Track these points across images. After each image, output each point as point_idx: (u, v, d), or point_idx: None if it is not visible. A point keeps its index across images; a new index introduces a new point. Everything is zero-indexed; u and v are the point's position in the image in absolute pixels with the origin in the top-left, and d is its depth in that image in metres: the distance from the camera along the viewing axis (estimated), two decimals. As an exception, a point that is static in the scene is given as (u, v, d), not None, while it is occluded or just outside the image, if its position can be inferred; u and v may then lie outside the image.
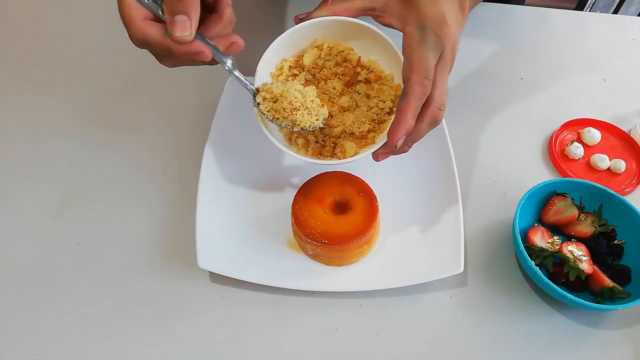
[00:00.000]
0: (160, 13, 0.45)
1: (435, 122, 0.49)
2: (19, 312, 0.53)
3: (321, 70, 0.56)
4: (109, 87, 0.72)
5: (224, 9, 0.47)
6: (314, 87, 0.53)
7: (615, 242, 0.57)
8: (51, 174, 0.63)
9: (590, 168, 0.66)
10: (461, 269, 0.53)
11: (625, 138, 0.69)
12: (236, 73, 0.50)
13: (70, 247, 0.57)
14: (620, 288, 0.53)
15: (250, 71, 0.53)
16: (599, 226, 0.57)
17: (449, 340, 0.52)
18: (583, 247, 0.55)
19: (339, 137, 0.54)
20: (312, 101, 0.51)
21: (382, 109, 0.54)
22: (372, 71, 0.56)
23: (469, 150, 0.67)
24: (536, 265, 0.53)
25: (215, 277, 0.55)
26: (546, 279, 0.51)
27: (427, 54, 0.47)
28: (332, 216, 0.54)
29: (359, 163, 0.56)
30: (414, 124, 0.47)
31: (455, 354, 0.51)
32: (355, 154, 0.52)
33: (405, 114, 0.46)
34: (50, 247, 0.57)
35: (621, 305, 0.51)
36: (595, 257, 0.55)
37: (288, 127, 0.51)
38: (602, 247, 0.56)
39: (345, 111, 0.55)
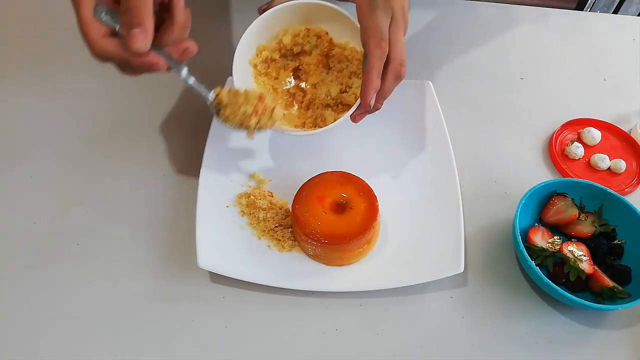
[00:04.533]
0: (118, 28, 0.44)
1: (399, 78, 0.54)
2: (19, 312, 0.53)
3: (302, 48, 0.63)
4: (108, 87, 0.72)
5: (177, 13, 0.47)
6: (268, 91, 0.61)
7: (616, 242, 0.57)
8: (51, 174, 0.63)
9: (591, 168, 0.66)
10: (461, 269, 0.53)
11: (625, 138, 0.69)
12: (191, 81, 0.51)
13: (70, 247, 0.57)
14: (620, 288, 0.53)
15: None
16: (599, 226, 0.57)
17: (449, 340, 0.52)
18: (583, 247, 0.55)
19: (317, 108, 0.61)
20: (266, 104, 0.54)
21: (349, 70, 0.61)
22: (343, 48, 0.62)
23: (469, 150, 0.67)
24: (536, 265, 0.53)
25: (215, 277, 0.55)
26: (546, 279, 0.51)
27: (378, 18, 0.52)
28: (332, 216, 0.54)
29: (359, 164, 0.61)
30: (380, 83, 0.53)
31: (455, 354, 0.51)
32: (335, 120, 0.57)
33: (370, 74, 0.52)
34: (50, 247, 0.57)
35: (621, 305, 0.51)
36: (595, 257, 0.55)
37: (244, 128, 0.53)
38: (603, 247, 0.56)
39: (317, 85, 0.63)
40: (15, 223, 0.59)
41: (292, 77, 0.64)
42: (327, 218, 0.54)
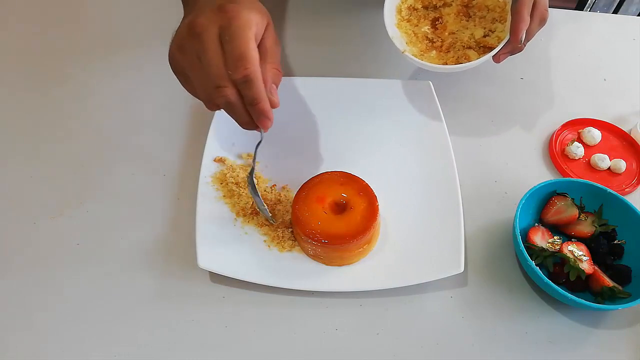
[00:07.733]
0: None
1: (543, 21, 0.60)
2: (19, 312, 0.53)
3: (444, 1, 0.68)
4: (108, 88, 0.72)
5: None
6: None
7: (616, 242, 0.57)
8: (51, 174, 0.63)
9: (591, 168, 0.66)
10: (461, 269, 0.53)
11: (625, 138, 0.69)
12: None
13: (70, 247, 0.57)
14: (620, 288, 0.53)
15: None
16: (600, 226, 0.57)
17: (449, 340, 0.52)
18: (583, 247, 0.55)
19: (458, 50, 0.65)
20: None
21: (491, 16, 0.65)
22: None
23: (469, 150, 0.67)
24: (536, 265, 0.53)
25: (215, 277, 0.55)
26: (546, 279, 0.51)
27: None
28: (332, 216, 0.54)
29: (359, 164, 0.61)
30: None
31: (455, 354, 0.51)
32: (479, 58, 0.61)
33: (522, 12, 0.57)
34: (50, 247, 0.57)
35: (621, 305, 0.51)
36: (595, 257, 0.55)
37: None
38: (603, 247, 0.56)
39: (457, 31, 0.66)
40: (15, 223, 0.59)
41: (429, 26, 0.68)
42: (327, 218, 0.54)
